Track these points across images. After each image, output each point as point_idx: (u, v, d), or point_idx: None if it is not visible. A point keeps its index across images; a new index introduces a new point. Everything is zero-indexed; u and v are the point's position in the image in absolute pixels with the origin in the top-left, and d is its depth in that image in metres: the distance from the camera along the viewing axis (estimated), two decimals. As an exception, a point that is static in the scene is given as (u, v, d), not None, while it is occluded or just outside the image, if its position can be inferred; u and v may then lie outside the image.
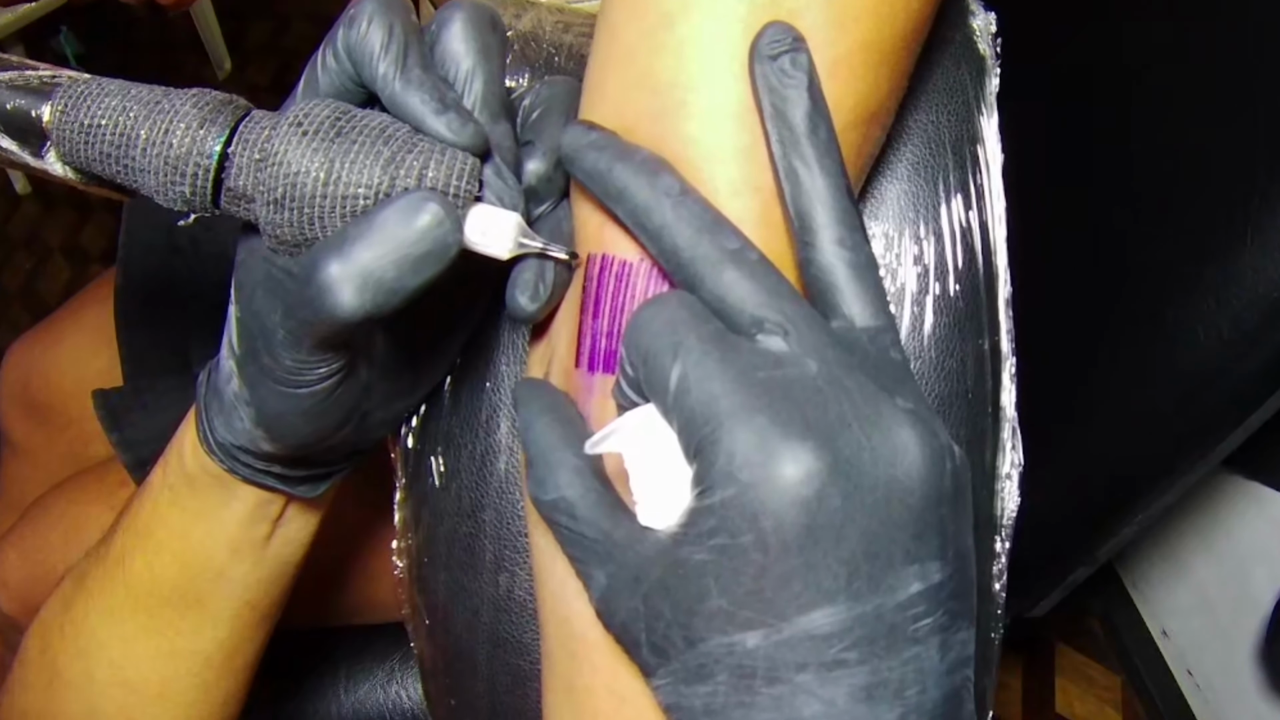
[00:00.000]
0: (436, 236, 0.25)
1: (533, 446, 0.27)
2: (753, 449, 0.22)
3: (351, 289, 0.24)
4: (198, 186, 0.27)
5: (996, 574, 0.34)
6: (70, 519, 0.64)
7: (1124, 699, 1.12)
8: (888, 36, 0.27)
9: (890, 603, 0.22)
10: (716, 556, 0.22)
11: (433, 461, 0.36)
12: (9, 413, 0.79)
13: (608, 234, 0.28)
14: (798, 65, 0.25)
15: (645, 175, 0.26)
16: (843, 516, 0.22)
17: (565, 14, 0.37)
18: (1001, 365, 0.34)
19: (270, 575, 0.38)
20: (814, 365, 0.23)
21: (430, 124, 0.26)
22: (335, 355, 0.28)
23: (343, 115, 0.26)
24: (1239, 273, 0.48)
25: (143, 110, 0.27)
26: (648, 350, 0.24)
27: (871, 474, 0.22)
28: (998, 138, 0.34)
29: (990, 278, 0.33)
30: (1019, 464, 0.33)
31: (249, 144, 0.26)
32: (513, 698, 0.35)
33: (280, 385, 0.29)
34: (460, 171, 0.26)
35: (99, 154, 0.27)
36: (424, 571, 0.37)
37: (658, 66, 0.27)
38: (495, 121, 0.28)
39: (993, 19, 0.35)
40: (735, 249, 0.25)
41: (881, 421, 0.23)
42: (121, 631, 0.38)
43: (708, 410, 0.23)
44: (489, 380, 0.35)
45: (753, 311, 0.24)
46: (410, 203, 0.25)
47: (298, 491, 0.35)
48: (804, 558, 0.22)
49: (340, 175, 0.26)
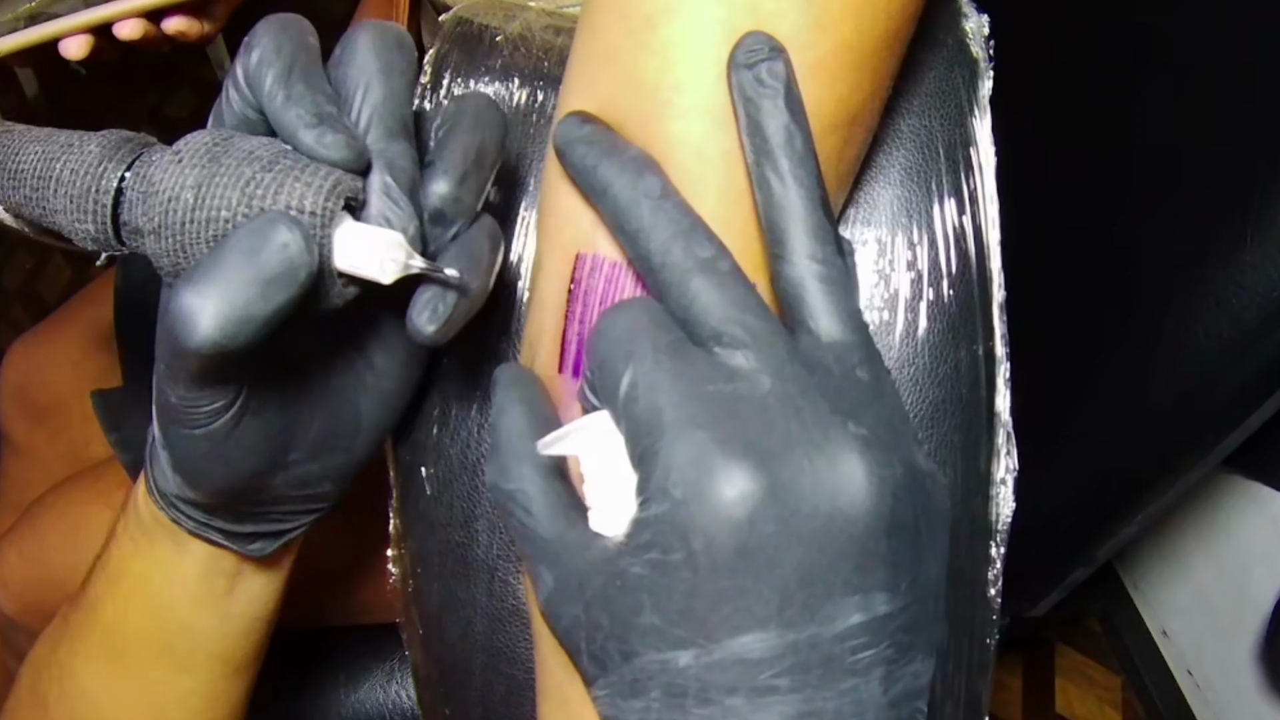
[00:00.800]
0: (285, 258, 0.24)
1: (500, 433, 0.27)
2: (689, 465, 0.22)
3: (206, 318, 0.23)
4: (99, 223, 0.27)
5: (992, 579, 0.33)
6: (70, 519, 0.65)
7: (1124, 699, 1.12)
8: (868, 38, 0.27)
9: (827, 632, 0.22)
10: (651, 571, 0.22)
11: (424, 471, 0.36)
12: (9, 413, 0.79)
13: (594, 235, 0.28)
14: (774, 75, 0.25)
15: (629, 174, 0.25)
16: (776, 542, 0.21)
17: (555, 17, 0.37)
18: (996, 370, 0.33)
19: (238, 630, 0.37)
20: (768, 382, 0.23)
21: (301, 137, 0.26)
22: (216, 391, 0.27)
23: (220, 141, 0.26)
24: (1239, 273, 0.47)
25: (59, 152, 0.27)
26: (603, 356, 0.24)
27: (811, 501, 0.22)
28: (991, 140, 0.34)
29: (984, 282, 0.33)
30: (1014, 469, 0.33)
31: (140, 177, 0.26)
32: (507, 707, 0.35)
33: (180, 426, 0.28)
34: (320, 188, 0.25)
35: (24, 198, 0.28)
36: (417, 581, 0.36)
37: (643, 67, 0.27)
38: (390, 139, 0.27)
39: (986, 21, 0.35)
40: (707, 257, 0.24)
41: (828, 446, 0.22)
42: (102, 679, 0.37)
43: (651, 420, 0.23)
44: (479, 389, 0.35)
45: (714, 323, 0.24)
46: (258, 225, 0.24)
47: (247, 550, 0.34)
48: (735, 580, 0.22)
49: (205, 200, 0.25)
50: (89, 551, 0.63)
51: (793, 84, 0.25)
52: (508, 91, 0.36)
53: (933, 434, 0.33)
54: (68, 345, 0.77)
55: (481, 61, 0.37)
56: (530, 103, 0.36)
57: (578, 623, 0.24)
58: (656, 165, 0.26)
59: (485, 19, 0.37)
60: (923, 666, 0.23)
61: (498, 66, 0.36)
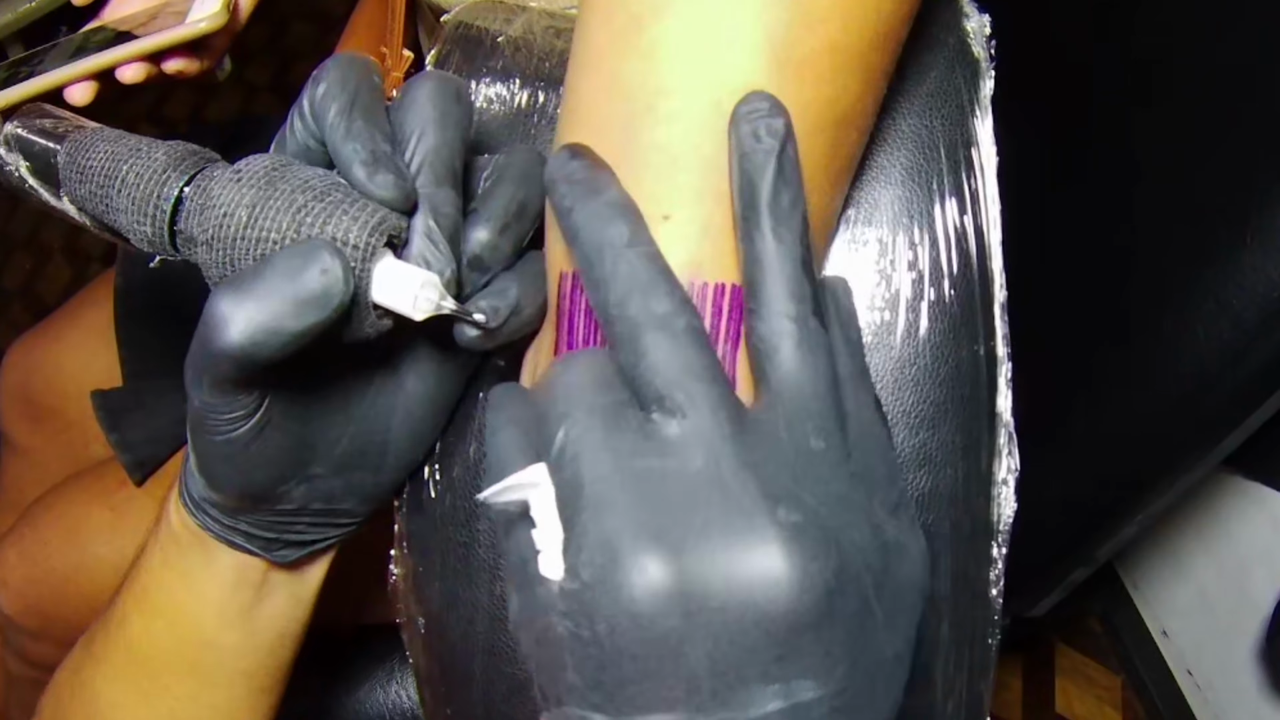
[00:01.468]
0: (322, 284, 0.25)
1: (491, 453, 0.27)
2: (597, 549, 0.22)
3: (236, 323, 0.25)
4: (157, 227, 0.29)
5: (994, 580, 0.33)
6: (70, 519, 0.65)
7: (1124, 699, 1.12)
8: (856, 39, 0.27)
9: (741, 717, 0.22)
10: (569, 636, 0.22)
11: (427, 471, 0.36)
12: (9, 413, 0.79)
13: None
14: (771, 131, 0.25)
15: (598, 221, 0.25)
16: (680, 635, 0.21)
17: (556, 19, 0.37)
18: (997, 370, 0.33)
19: (263, 645, 0.38)
20: (699, 460, 0.22)
21: (355, 173, 0.27)
22: (239, 399, 0.28)
23: (279, 166, 0.28)
24: (1239, 273, 0.48)
25: (127, 155, 0.29)
26: (543, 410, 0.24)
27: (721, 594, 0.21)
28: (992, 141, 0.34)
29: (985, 282, 0.33)
30: (1015, 469, 0.33)
31: (200, 190, 0.28)
32: (508, 707, 0.35)
33: (203, 431, 0.29)
34: (366, 223, 0.27)
35: (89, 193, 0.29)
36: (419, 581, 0.36)
37: (625, 70, 0.27)
38: (438, 185, 0.28)
39: (987, 21, 0.35)
40: (661, 314, 0.24)
41: (749, 536, 0.22)
42: (125, 697, 0.38)
43: (573, 490, 0.23)
44: (482, 390, 0.35)
45: (659, 385, 0.23)
46: (303, 250, 0.25)
47: (271, 556, 0.35)
48: (639, 665, 0.22)
49: (257, 220, 0.27)
50: (89, 551, 0.63)
51: (789, 143, 0.25)
52: (509, 92, 0.36)
53: (934, 434, 0.33)
54: (68, 345, 0.77)
55: (482, 63, 0.37)
56: (532, 103, 0.36)
57: (530, 652, 0.24)
58: (631, 210, 0.25)
59: (486, 21, 0.37)
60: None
61: (499, 68, 0.36)
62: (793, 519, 0.22)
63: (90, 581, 0.63)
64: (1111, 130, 0.58)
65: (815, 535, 0.22)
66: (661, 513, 0.22)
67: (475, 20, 0.37)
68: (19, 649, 0.69)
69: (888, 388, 0.33)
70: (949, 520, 0.33)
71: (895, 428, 0.33)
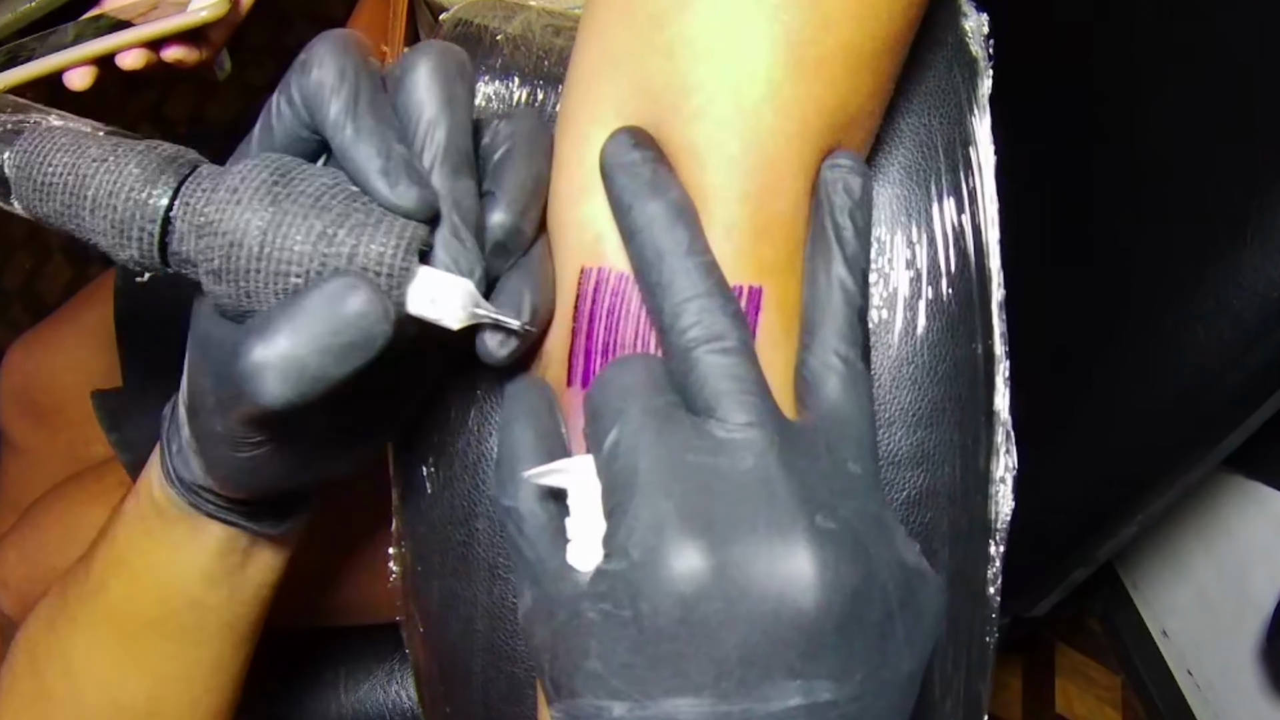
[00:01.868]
0: (362, 327, 0.23)
1: (504, 447, 0.27)
2: (648, 530, 0.22)
3: (274, 377, 0.23)
4: (144, 250, 0.26)
5: (991, 578, 0.34)
6: (70, 519, 0.65)
7: (1124, 699, 1.12)
8: (869, 40, 0.27)
9: (762, 709, 0.22)
10: (602, 620, 0.23)
11: (424, 470, 0.36)
12: (9, 413, 0.79)
13: (602, 248, 0.28)
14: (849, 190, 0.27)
15: (659, 226, 0.25)
16: (720, 619, 0.22)
17: (556, 17, 0.37)
18: (995, 368, 0.33)
19: (247, 598, 0.38)
20: (749, 460, 0.23)
21: (374, 184, 0.25)
22: (266, 430, 0.28)
23: (281, 178, 0.25)
24: (1239, 273, 0.48)
25: (90, 168, 0.26)
26: (596, 409, 0.25)
27: (762, 585, 0.22)
28: (990, 140, 0.34)
29: (983, 281, 0.33)
30: (1013, 468, 0.33)
31: (190, 208, 0.25)
32: (507, 705, 0.35)
33: (219, 445, 0.29)
34: (397, 246, 0.25)
35: (53, 211, 0.26)
36: (418, 579, 0.36)
37: (649, 70, 0.27)
38: (455, 178, 0.27)
39: (985, 20, 0.35)
40: (716, 330, 0.25)
41: (791, 534, 0.22)
42: (106, 655, 0.38)
43: (626, 480, 0.23)
44: (479, 387, 0.35)
45: (708, 395, 0.24)
46: (335, 289, 0.23)
47: (262, 528, 0.35)
48: (674, 646, 0.22)
49: (271, 252, 0.24)
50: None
51: (866, 202, 0.28)
52: (508, 90, 0.36)
53: (932, 433, 0.33)
54: (68, 345, 0.77)
55: (482, 61, 0.37)
56: (531, 102, 0.36)
57: (545, 644, 0.25)
58: (691, 215, 0.26)
59: (485, 19, 0.37)
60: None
61: (498, 66, 0.36)
62: (828, 526, 0.23)
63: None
64: (1111, 130, 0.58)
65: (848, 543, 0.23)
66: (711, 504, 0.23)
67: (474, 18, 0.37)
68: (19, 648, 0.69)
69: (885, 386, 0.33)
70: (947, 518, 0.33)
71: (893, 426, 0.33)
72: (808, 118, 0.27)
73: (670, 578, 0.22)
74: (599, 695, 0.23)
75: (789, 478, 0.23)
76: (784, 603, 0.22)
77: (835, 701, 0.23)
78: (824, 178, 0.27)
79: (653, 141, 0.27)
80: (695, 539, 0.22)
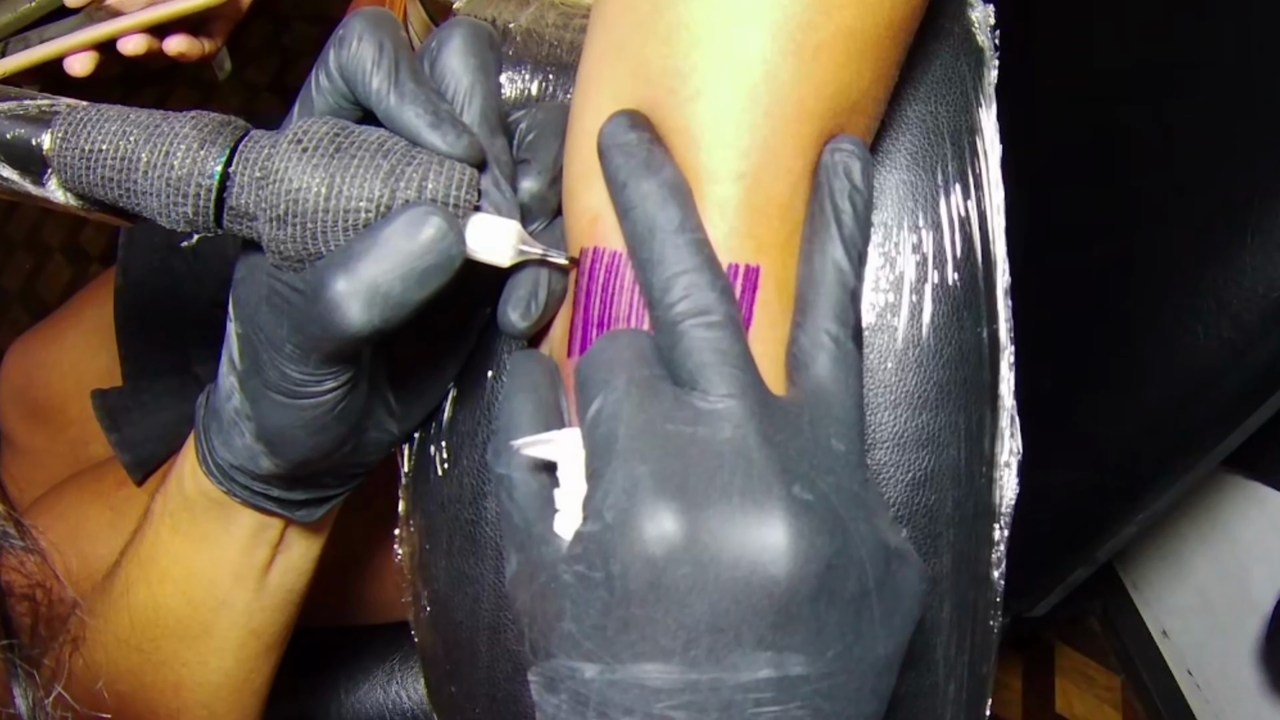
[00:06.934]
0: (441, 249, 0.25)
1: (502, 417, 0.28)
2: (623, 493, 0.23)
3: (359, 304, 0.25)
4: (200, 206, 0.27)
5: (995, 561, 0.34)
6: (70, 519, 0.64)
7: (1124, 699, 1.12)
8: (870, 25, 0.27)
9: (731, 679, 0.22)
10: (577, 583, 0.23)
11: (434, 449, 0.36)
12: (9, 413, 0.79)
13: (599, 228, 0.29)
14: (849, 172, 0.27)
15: (651, 203, 0.26)
16: (690, 584, 0.22)
17: (567, 9, 0.37)
18: (1000, 354, 0.34)
19: (274, 603, 0.38)
20: (728, 430, 0.24)
21: (426, 137, 0.27)
22: (343, 368, 0.29)
23: (341, 131, 0.27)
24: (1239, 273, 0.48)
25: (142, 134, 0.27)
26: (583, 380, 0.26)
27: (734, 551, 0.22)
28: (996, 129, 0.34)
29: (989, 267, 0.33)
30: (1018, 451, 0.34)
31: (250, 162, 0.27)
32: (513, 684, 0.35)
33: (284, 398, 0.29)
34: (459, 182, 0.27)
35: (100, 179, 0.27)
36: (425, 559, 0.37)
37: (649, 55, 0.27)
38: (493, 136, 0.29)
39: (991, 11, 0.35)
40: (703, 303, 0.25)
41: (766, 503, 0.23)
42: (128, 665, 0.38)
43: (606, 445, 0.24)
44: (490, 368, 0.35)
45: (692, 366, 0.25)
46: (414, 216, 0.25)
47: (296, 516, 0.36)
48: (644, 610, 0.22)
49: (341, 190, 0.26)
50: (89, 551, 0.63)
51: (867, 186, 0.28)
52: (520, 80, 0.36)
53: (936, 416, 0.33)
54: (68, 345, 0.77)
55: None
56: (543, 92, 0.36)
57: (525, 608, 0.25)
58: (684, 192, 0.26)
59: (497, 11, 0.38)
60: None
61: (510, 55, 0.36)
62: (805, 497, 0.23)
63: (90, 582, 0.63)
64: (1112, 130, 0.59)
65: (823, 514, 0.23)
66: (687, 470, 0.23)
67: (486, 11, 0.38)
68: (19, 647, 0.68)
69: (891, 369, 0.33)
70: (951, 500, 0.33)
71: (898, 408, 0.33)
72: (806, 101, 0.27)
73: (641, 539, 0.22)
74: (572, 656, 0.23)
75: (767, 448, 0.23)
76: (756, 570, 0.22)
77: (806, 676, 0.23)
78: (825, 161, 0.28)
79: (649, 123, 0.27)
80: (668, 502, 0.22)
